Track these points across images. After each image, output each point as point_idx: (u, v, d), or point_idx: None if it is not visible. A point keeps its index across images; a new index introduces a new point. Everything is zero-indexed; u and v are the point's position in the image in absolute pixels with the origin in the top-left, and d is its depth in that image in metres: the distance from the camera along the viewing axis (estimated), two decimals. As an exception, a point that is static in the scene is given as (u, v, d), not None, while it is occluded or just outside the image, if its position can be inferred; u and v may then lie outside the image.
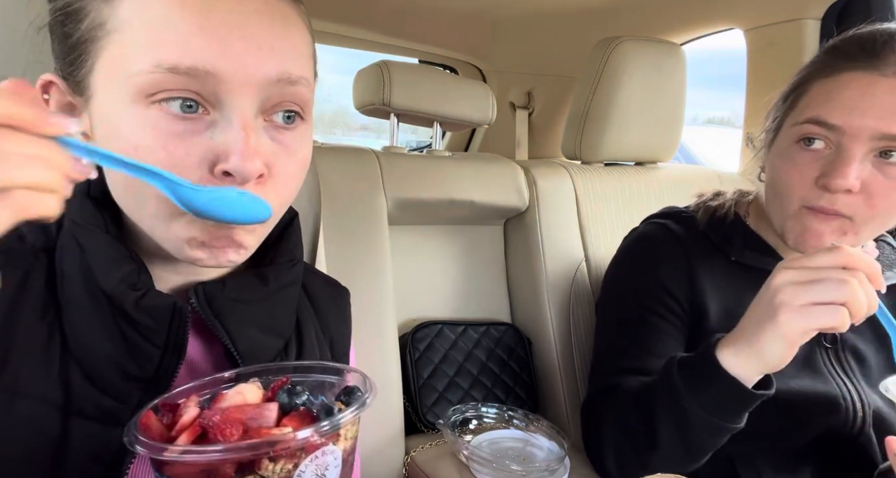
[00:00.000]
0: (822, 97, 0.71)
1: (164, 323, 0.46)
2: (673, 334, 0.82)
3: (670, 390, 0.67)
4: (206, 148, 0.42)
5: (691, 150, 3.48)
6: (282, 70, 0.44)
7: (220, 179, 0.42)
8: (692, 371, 0.66)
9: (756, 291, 0.81)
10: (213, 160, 0.42)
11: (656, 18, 1.52)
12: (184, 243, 0.45)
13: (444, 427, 0.95)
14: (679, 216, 0.90)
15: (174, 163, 0.41)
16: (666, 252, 0.85)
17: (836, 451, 0.76)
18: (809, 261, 0.59)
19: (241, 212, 0.41)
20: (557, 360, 1.11)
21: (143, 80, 0.40)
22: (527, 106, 1.96)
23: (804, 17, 1.27)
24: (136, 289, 0.45)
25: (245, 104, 0.43)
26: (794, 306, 0.58)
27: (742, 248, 0.82)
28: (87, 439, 0.43)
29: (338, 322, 0.64)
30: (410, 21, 1.77)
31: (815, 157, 0.71)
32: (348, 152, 1.06)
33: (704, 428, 0.66)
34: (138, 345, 0.45)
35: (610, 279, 0.94)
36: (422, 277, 1.17)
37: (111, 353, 0.45)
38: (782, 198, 0.74)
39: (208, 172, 0.42)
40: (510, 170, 1.18)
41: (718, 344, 0.65)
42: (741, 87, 1.45)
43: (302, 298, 0.60)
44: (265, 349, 0.52)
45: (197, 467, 0.36)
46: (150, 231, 0.46)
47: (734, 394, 0.63)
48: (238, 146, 0.42)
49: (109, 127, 0.43)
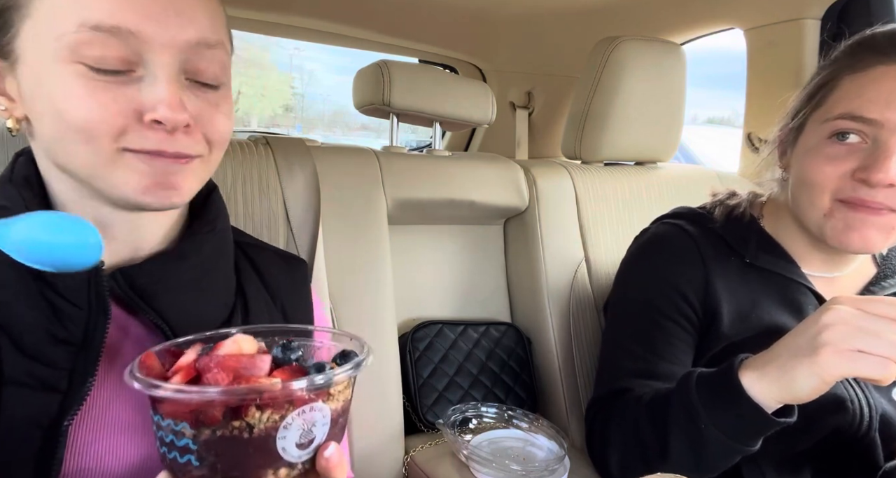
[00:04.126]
0: (855, 92, 0.70)
1: (83, 281, 0.48)
2: (684, 338, 0.81)
3: (687, 408, 0.65)
4: (133, 99, 0.46)
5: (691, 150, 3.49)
6: (201, 35, 0.48)
7: (151, 128, 0.46)
8: (712, 392, 0.64)
9: (769, 294, 0.80)
10: (139, 111, 0.46)
11: (656, 18, 1.52)
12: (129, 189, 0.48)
13: (444, 427, 0.95)
14: (693, 216, 0.89)
15: (100, 109, 0.45)
16: (681, 254, 0.83)
17: (840, 453, 0.75)
18: (867, 305, 0.56)
19: (63, 235, 0.43)
20: (557, 360, 1.11)
21: (69, 40, 0.44)
22: (527, 106, 1.96)
23: (804, 16, 1.27)
24: None
25: (168, 62, 0.47)
26: (840, 349, 0.55)
27: (756, 250, 0.81)
28: (22, 406, 0.45)
29: (289, 288, 0.65)
30: (410, 21, 1.77)
31: (850, 150, 0.70)
32: (348, 152, 1.06)
33: (719, 449, 0.64)
34: (61, 308, 0.47)
35: (621, 280, 0.93)
36: (422, 277, 1.17)
37: (37, 318, 0.46)
38: (813, 193, 0.73)
39: (136, 121, 0.46)
40: (510, 170, 1.18)
41: (742, 365, 0.63)
42: (741, 86, 1.45)
43: (247, 269, 0.62)
44: (203, 321, 0.53)
45: (188, 406, 0.37)
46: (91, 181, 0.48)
47: (755, 420, 0.61)
48: (165, 97, 0.46)
49: (40, 88, 0.46)
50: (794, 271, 0.80)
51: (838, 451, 0.75)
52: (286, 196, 0.88)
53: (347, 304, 0.94)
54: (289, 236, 0.87)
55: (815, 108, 0.75)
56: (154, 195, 0.49)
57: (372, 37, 1.89)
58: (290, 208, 0.88)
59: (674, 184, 1.28)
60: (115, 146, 0.47)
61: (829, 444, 0.75)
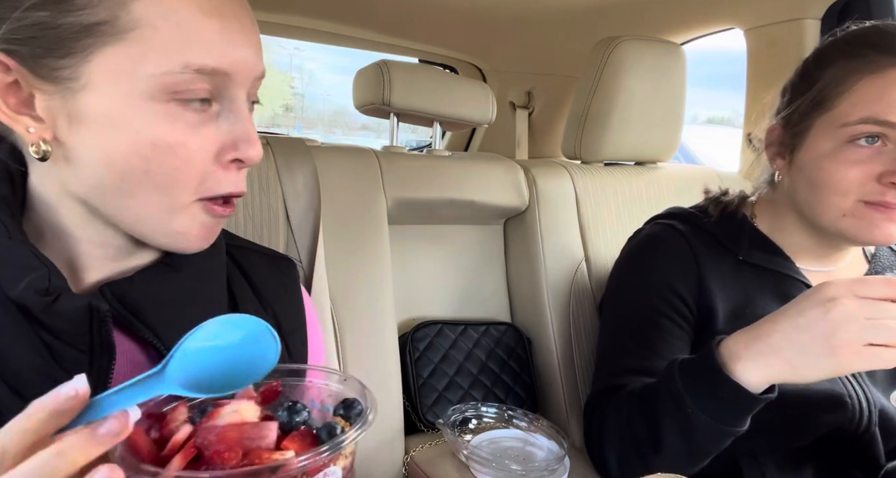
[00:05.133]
0: (875, 96, 0.70)
1: (84, 325, 0.44)
2: (680, 336, 0.81)
3: (673, 395, 0.66)
4: (214, 139, 0.46)
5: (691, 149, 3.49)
6: (262, 69, 0.49)
7: (227, 169, 0.46)
8: (694, 376, 0.66)
9: (763, 290, 0.80)
10: (221, 151, 0.46)
11: (656, 18, 1.52)
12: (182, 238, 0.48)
13: (444, 427, 0.95)
14: (685, 216, 0.90)
15: (190, 158, 0.44)
16: (674, 253, 0.84)
17: (839, 449, 0.76)
18: (863, 289, 0.57)
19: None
20: (557, 360, 1.11)
21: (170, 80, 0.42)
22: (527, 106, 1.96)
23: (804, 16, 1.27)
24: (48, 294, 0.43)
25: (243, 97, 0.48)
26: (858, 348, 0.55)
27: (749, 247, 0.82)
28: None
29: (279, 292, 0.62)
30: (410, 21, 1.76)
31: (874, 153, 0.70)
32: (348, 152, 1.05)
33: (708, 432, 0.65)
34: (60, 352, 0.44)
35: (616, 280, 0.94)
36: (422, 277, 1.17)
37: (35, 363, 0.43)
38: (835, 196, 0.73)
39: (213, 164, 0.46)
40: (510, 169, 1.18)
41: (722, 346, 0.64)
42: (741, 86, 1.45)
43: (234, 274, 0.59)
44: None
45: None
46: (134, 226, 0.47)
47: (738, 399, 0.62)
48: (249, 134, 0.47)
49: (108, 121, 0.43)
50: (788, 267, 0.81)
51: (838, 447, 0.76)
52: (286, 196, 0.88)
53: (347, 304, 0.94)
54: (289, 236, 0.87)
55: (825, 111, 0.74)
56: (200, 244, 0.48)
57: (372, 37, 1.89)
58: (290, 208, 0.88)
59: (674, 184, 1.28)
60: (194, 197, 0.45)
61: (828, 440, 0.75)
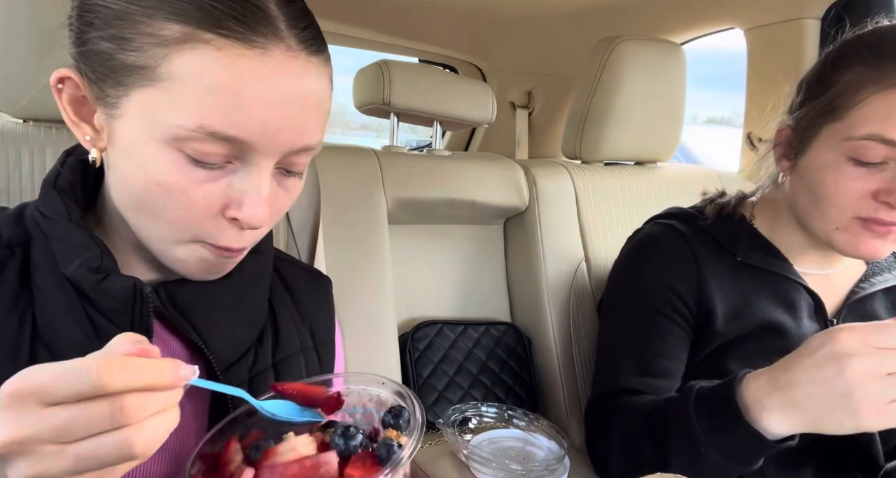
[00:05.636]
0: (883, 112, 0.67)
1: (128, 304, 0.47)
2: (679, 335, 0.81)
3: (686, 430, 0.65)
4: (222, 194, 0.45)
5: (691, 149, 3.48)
6: (306, 143, 0.47)
7: (229, 222, 0.46)
8: (711, 415, 0.64)
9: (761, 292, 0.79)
10: (226, 205, 0.46)
11: (656, 18, 1.52)
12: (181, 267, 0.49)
13: (444, 426, 0.95)
14: (684, 216, 0.89)
15: (189, 205, 0.44)
16: (673, 253, 0.84)
17: (839, 450, 0.76)
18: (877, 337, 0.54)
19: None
20: (557, 359, 1.11)
21: (181, 134, 0.42)
22: (527, 105, 1.96)
23: (804, 16, 1.27)
24: (98, 272, 0.46)
25: (268, 165, 0.46)
26: (881, 407, 0.53)
27: (748, 249, 0.82)
28: None
29: (318, 307, 0.64)
30: (410, 20, 1.77)
31: (873, 171, 0.69)
32: (348, 152, 1.05)
33: (719, 468, 0.64)
34: (104, 328, 0.46)
35: (615, 280, 0.93)
36: (422, 277, 1.17)
37: (80, 338, 0.46)
38: (830, 210, 0.72)
39: (216, 215, 0.46)
40: (510, 169, 1.18)
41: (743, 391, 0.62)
42: (741, 86, 1.45)
43: (277, 287, 0.61)
44: (237, 341, 0.53)
45: None
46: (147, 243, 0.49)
47: (759, 445, 0.61)
48: (254, 202, 0.45)
49: (128, 151, 0.45)
50: (786, 268, 0.81)
51: (837, 448, 0.75)
52: (286, 196, 0.88)
53: (347, 304, 0.94)
54: (289, 236, 0.87)
55: (833, 120, 0.72)
56: (201, 275, 0.50)
57: (372, 37, 1.89)
58: (291, 208, 0.88)
59: (674, 183, 1.28)
60: (191, 236, 0.47)
61: (828, 441, 0.75)
